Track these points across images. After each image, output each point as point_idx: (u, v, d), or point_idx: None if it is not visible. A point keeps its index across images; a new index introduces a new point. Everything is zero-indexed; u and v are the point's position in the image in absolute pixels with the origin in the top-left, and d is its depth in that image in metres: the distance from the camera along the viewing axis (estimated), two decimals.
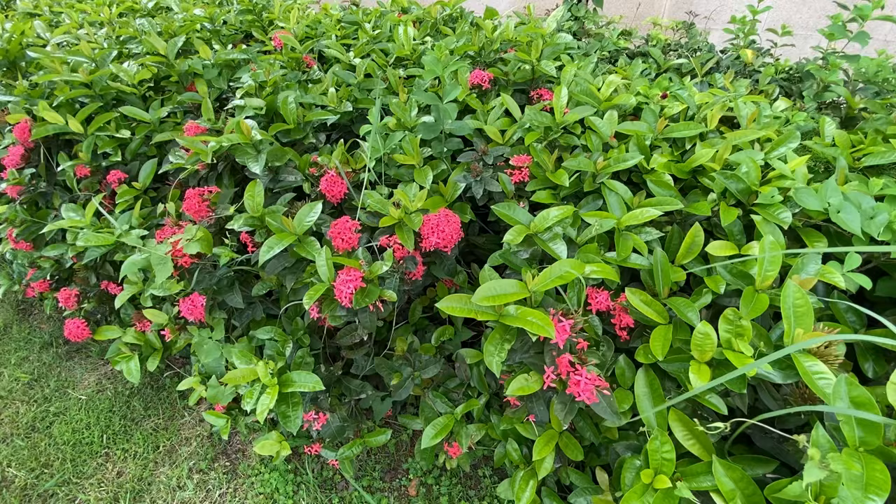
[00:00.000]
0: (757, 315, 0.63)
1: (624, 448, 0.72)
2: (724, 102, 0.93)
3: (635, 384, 0.68)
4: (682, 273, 0.75)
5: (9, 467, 1.20)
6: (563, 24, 1.42)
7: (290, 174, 1.03)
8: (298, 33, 1.40)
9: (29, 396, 1.38)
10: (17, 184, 1.19)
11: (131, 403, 1.35)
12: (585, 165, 0.85)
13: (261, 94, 1.15)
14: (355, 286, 0.72)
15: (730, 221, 0.74)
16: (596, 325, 0.73)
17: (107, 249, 1.02)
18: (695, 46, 1.46)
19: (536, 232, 0.75)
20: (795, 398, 0.60)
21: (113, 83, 1.21)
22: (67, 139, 1.25)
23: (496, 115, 1.04)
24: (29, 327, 1.64)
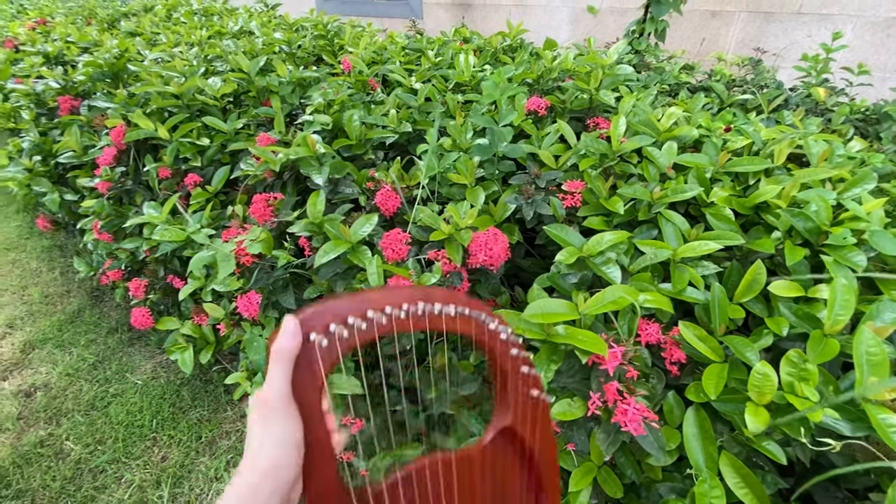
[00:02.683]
0: (824, 360, 0.59)
1: (668, 490, 0.68)
2: (793, 139, 0.90)
3: (684, 423, 0.65)
4: (740, 311, 0.72)
5: (67, 440, 1.29)
6: (623, 57, 1.43)
7: (349, 187, 1.08)
8: (366, 58, 1.49)
9: (92, 376, 1.49)
10: (108, 180, 1.32)
11: (181, 393, 1.42)
12: (641, 194, 0.84)
13: (328, 112, 1.23)
14: None
15: (796, 261, 0.71)
16: (646, 357, 0.71)
17: (178, 245, 1.11)
18: (761, 83, 1.42)
19: (590, 255, 0.74)
20: (866, 454, 0.55)
21: (199, 96, 1.34)
22: (154, 144, 1.38)
23: (551, 140, 1.05)
24: (99, 313, 1.78)
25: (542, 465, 0.44)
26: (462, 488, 0.42)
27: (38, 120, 1.72)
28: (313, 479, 0.34)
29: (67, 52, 2.00)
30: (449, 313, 0.38)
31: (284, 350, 0.33)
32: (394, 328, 0.36)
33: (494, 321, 0.40)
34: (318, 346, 0.34)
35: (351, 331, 0.34)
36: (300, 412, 0.34)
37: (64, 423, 1.34)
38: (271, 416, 0.33)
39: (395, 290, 0.36)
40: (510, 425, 0.42)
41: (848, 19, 2.05)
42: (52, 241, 2.26)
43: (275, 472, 0.32)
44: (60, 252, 2.19)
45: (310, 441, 0.34)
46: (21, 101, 1.79)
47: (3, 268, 2.07)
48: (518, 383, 0.42)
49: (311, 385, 0.34)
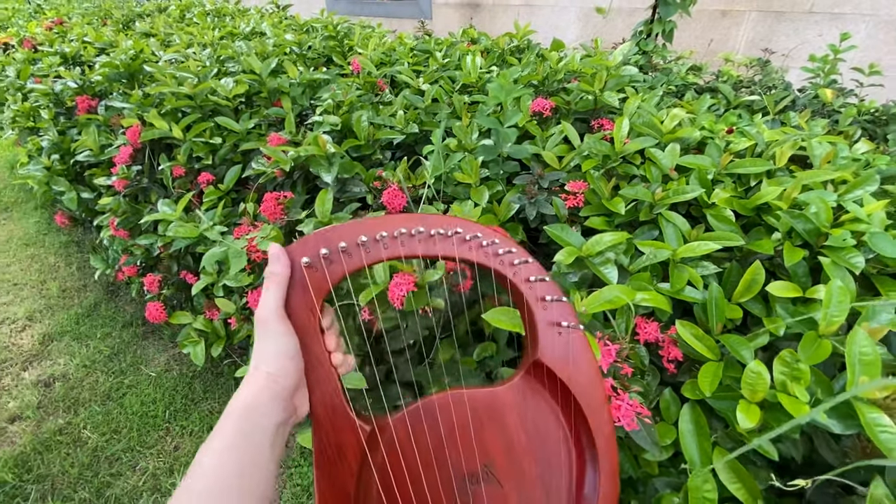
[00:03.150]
0: (817, 361, 0.60)
1: (664, 485, 0.69)
2: (796, 141, 0.91)
3: (680, 419, 0.66)
4: (738, 311, 0.73)
5: (84, 429, 1.33)
6: (629, 58, 1.44)
7: (357, 186, 1.11)
8: (374, 59, 1.51)
9: (108, 368, 1.54)
10: (125, 178, 1.36)
11: (193, 385, 1.46)
12: (643, 195, 0.86)
13: (337, 113, 1.26)
14: (407, 289, 0.77)
15: (794, 262, 0.72)
16: (643, 355, 0.72)
17: (191, 241, 1.14)
18: (769, 84, 1.42)
19: (588, 255, 0.76)
20: (856, 452, 0.56)
21: (211, 96, 1.37)
22: (168, 143, 1.42)
23: (555, 141, 1.07)
24: (115, 307, 1.84)
25: (586, 405, 0.39)
26: (485, 428, 0.38)
27: (57, 119, 1.77)
28: (315, 394, 0.36)
29: (84, 53, 2.06)
30: (447, 237, 0.37)
31: (272, 274, 0.36)
32: (383, 256, 0.36)
33: (507, 246, 0.38)
34: (305, 268, 0.36)
35: (342, 255, 0.36)
36: (297, 330, 0.36)
37: (81, 412, 1.39)
38: (266, 332, 0.36)
39: (389, 217, 0.37)
40: (538, 360, 0.38)
41: (861, 18, 2.02)
42: (69, 237, 2.33)
43: (273, 381, 0.35)
44: (77, 248, 2.25)
45: (308, 357, 0.36)
46: (40, 101, 1.84)
47: (23, 262, 2.13)
48: (541, 312, 0.38)
49: (304, 305, 0.36)
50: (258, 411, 0.34)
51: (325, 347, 0.37)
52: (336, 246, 0.35)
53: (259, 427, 0.33)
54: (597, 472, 0.40)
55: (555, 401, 0.40)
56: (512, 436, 0.39)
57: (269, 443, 0.34)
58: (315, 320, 0.36)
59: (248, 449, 0.32)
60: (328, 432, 0.36)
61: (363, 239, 0.35)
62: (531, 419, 0.39)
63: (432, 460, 0.37)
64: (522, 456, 0.39)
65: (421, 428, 0.38)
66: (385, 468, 0.37)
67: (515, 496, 0.39)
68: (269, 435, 0.34)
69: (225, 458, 0.32)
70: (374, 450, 0.37)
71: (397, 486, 0.36)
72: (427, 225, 0.36)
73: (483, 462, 0.38)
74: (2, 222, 2.50)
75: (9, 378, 1.51)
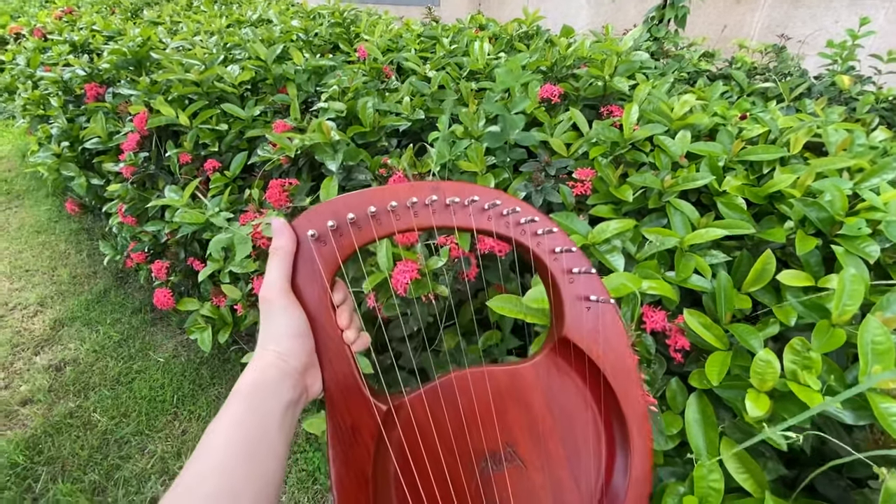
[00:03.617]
0: (829, 350, 0.59)
1: (669, 474, 0.69)
2: (811, 127, 0.88)
3: (686, 409, 0.65)
4: (747, 300, 0.72)
5: (94, 412, 1.36)
6: (641, 44, 1.41)
7: (362, 173, 1.10)
8: (381, 46, 1.50)
9: (118, 353, 1.56)
10: (132, 165, 1.36)
11: (200, 371, 1.48)
12: (652, 182, 0.84)
13: (343, 99, 1.25)
14: (411, 277, 0.76)
15: (807, 251, 0.70)
16: (649, 344, 0.71)
17: (197, 228, 1.15)
18: (785, 71, 1.39)
19: (594, 243, 0.75)
20: (868, 443, 0.55)
21: (218, 83, 1.37)
22: (175, 130, 1.42)
23: (563, 128, 1.05)
24: (124, 293, 1.86)
25: (617, 384, 0.37)
26: (507, 407, 0.37)
27: (66, 107, 1.78)
28: (328, 372, 0.35)
29: (93, 41, 2.06)
30: (463, 206, 0.34)
31: (277, 248, 0.34)
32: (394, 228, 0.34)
33: (529, 215, 0.35)
34: (312, 241, 0.34)
35: (351, 227, 0.34)
36: (306, 306, 0.34)
37: (91, 396, 1.41)
38: (271, 310, 0.34)
39: (400, 185, 0.35)
40: (564, 336, 0.36)
41: (881, 3, 1.96)
42: (79, 224, 2.35)
43: (282, 360, 0.34)
44: (87, 235, 2.28)
45: (319, 334, 0.34)
46: (49, 89, 1.85)
47: (35, 249, 2.16)
48: (567, 286, 0.36)
49: (313, 280, 0.34)
50: (266, 391, 0.33)
51: (337, 324, 0.36)
52: (345, 217, 0.33)
53: (267, 407, 0.32)
54: (627, 453, 0.38)
55: (582, 379, 0.38)
56: (536, 415, 0.37)
57: (277, 423, 0.32)
58: (326, 296, 0.34)
59: (256, 429, 0.31)
60: (342, 412, 0.34)
61: (373, 210, 0.33)
62: (557, 398, 0.38)
63: (452, 439, 0.36)
64: (548, 436, 0.38)
65: (439, 406, 0.36)
66: (402, 447, 0.35)
67: (540, 477, 0.37)
68: (277, 415, 0.33)
69: (232, 437, 0.30)
70: (391, 429, 0.35)
71: (415, 465, 0.35)
72: (441, 193, 0.34)
73: (505, 442, 0.37)
74: (14, 210, 2.53)
75: (21, 362, 1.54)
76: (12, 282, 1.94)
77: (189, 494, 0.28)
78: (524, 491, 0.37)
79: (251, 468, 0.30)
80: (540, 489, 0.37)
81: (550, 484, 0.37)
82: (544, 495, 0.37)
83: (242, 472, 0.30)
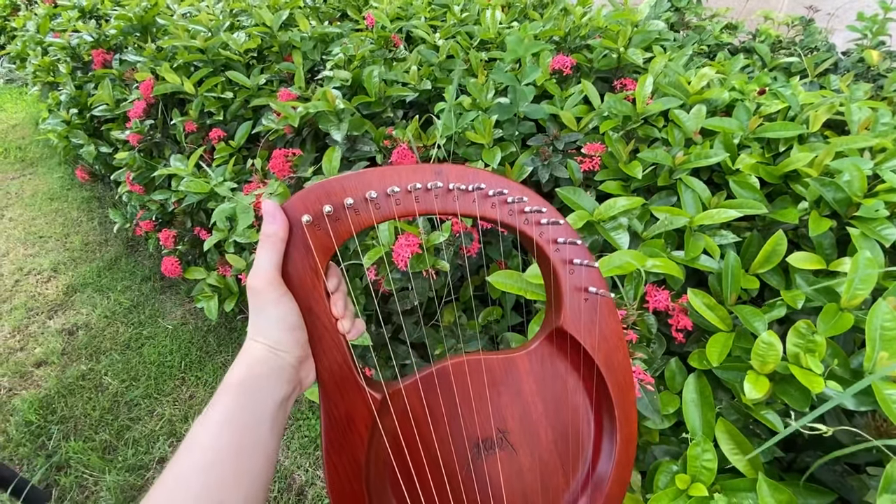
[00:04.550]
0: (836, 334, 0.57)
1: (663, 452, 0.69)
2: (833, 104, 0.84)
3: (684, 389, 0.65)
4: (755, 281, 0.70)
5: (105, 375, 1.39)
6: (660, 14, 1.35)
7: (366, 145, 1.08)
8: (390, 13, 1.45)
9: (128, 319, 1.60)
10: (138, 133, 1.36)
11: (207, 338, 1.51)
12: (663, 158, 0.81)
13: (349, 68, 1.22)
14: (412, 251, 0.76)
15: (819, 232, 0.68)
16: (651, 324, 0.70)
17: (202, 197, 1.15)
18: (812, 45, 1.32)
19: (600, 220, 0.73)
20: (869, 430, 0.54)
21: (223, 51, 1.34)
22: (181, 98, 1.41)
23: (574, 101, 1.01)
24: (134, 261, 1.88)
25: (609, 376, 0.38)
26: (500, 394, 0.37)
27: (74, 73, 1.77)
28: (322, 363, 0.34)
29: (101, 6, 2.03)
30: (467, 192, 0.33)
31: (268, 234, 0.32)
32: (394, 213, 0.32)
33: (535, 204, 0.35)
34: (306, 226, 0.32)
35: (349, 212, 0.32)
36: (298, 296, 0.32)
37: (103, 360, 1.45)
38: (260, 301, 0.32)
39: (401, 167, 0.33)
40: (561, 327, 0.37)
41: None
42: (91, 192, 2.38)
43: (273, 354, 0.32)
44: (99, 203, 2.30)
45: (313, 324, 0.33)
46: (58, 55, 1.84)
47: (48, 216, 2.20)
48: (567, 277, 0.36)
49: (307, 268, 0.32)
50: (256, 386, 0.31)
51: (331, 313, 0.34)
52: (341, 201, 0.31)
53: (258, 403, 0.31)
54: (614, 440, 0.39)
55: (576, 370, 0.39)
56: (528, 403, 0.38)
57: (269, 419, 0.31)
58: (320, 284, 0.33)
59: (245, 425, 0.30)
60: (337, 403, 0.34)
61: (373, 195, 0.32)
62: (549, 386, 0.38)
63: (446, 427, 0.36)
64: (538, 423, 0.38)
65: (435, 394, 0.36)
66: (396, 434, 0.35)
67: (529, 462, 0.38)
68: (269, 411, 0.31)
69: (220, 436, 0.29)
70: (385, 417, 0.35)
71: (409, 452, 0.35)
72: (444, 178, 0.33)
73: (497, 428, 0.37)
74: (28, 177, 2.56)
75: (35, 325, 1.58)
76: (27, 248, 1.98)
77: (171, 495, 0.27)
78: (512, 474, 0.37)
79: (239, 469, 0.29)
80: (527, 471, 0.38)
81: (537, 467, 0.38)
82: (531, 478, 0.38)
83: (230, 472, 0.28)
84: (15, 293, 1.72)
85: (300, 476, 1.15)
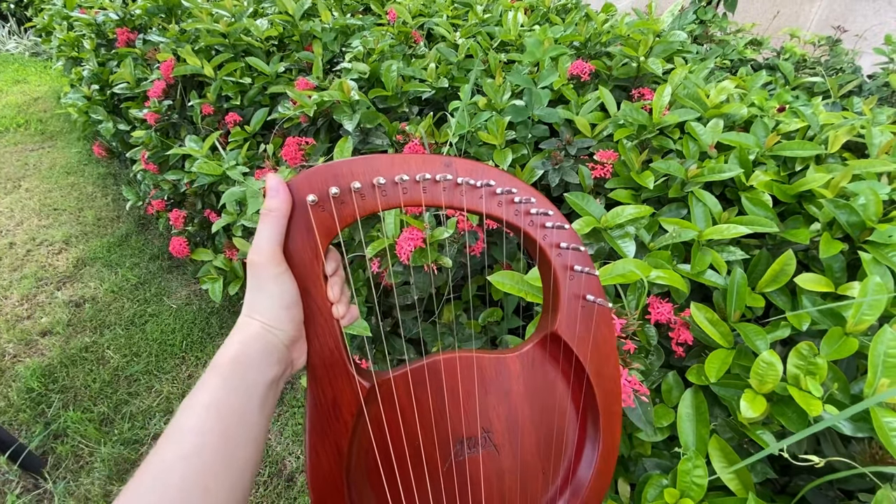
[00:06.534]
0: (838, 358, 0.56)
1: (654, 465, 0.68)
2: (854, 126, 0.83)
3: (680, 403, 0.64)
4: (760, 300, 0.69)
5: (108, 349, 1.41)
6: (683, 25, 1.33)
7: (379, 138, 1.09)
8: (413, 9, 1.46)
9: (134, 296, 1.62)
10: (156, 112, 1.38)
11: (210, 320, 1.52)
12: (676, 170, 0.81)
13: (367, 61, 1.22)
14: (415, 245, 0.76)
15: (830, 255, 0.67)
16: (651, 335, 0.70)
17: (214, 180, 1.16)
18: (837, 66, 1.30)
19: (606, 227, 0.73)
20: (864, 457, 0.53)
21: (245, 37, 1.35)
22: (200, 81, 1.42)
23: (590, 107, 1.01)
24: (144, 239, 1.91)
25: (598, 385, 0.38)
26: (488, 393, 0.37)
27: (98, 50, 1.80)
28: (314, 346, 0.33)
29: None
30: (475, 187, 0.33)
31: (271, 209, 0.31)
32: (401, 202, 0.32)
33: (542, 207, 0.34)
34: (311, 206, 0.31)
35: (355, 196, 0.32)
36: (297, 276, 0.32)
37: (106, 333, 1.47)
38: (259, 276, 0.31)
39: (411, 156, 0.33)
40: (555, 332, 0.36)
41: None
42: (107, 168, 2.41)
43: (267, 332, 0.31)
44: (114, 180, 2.33)
45: (308, 306, 0.33)
46: (83, 31, 1.87)
47: (63, 190, 2.23)
48: (567, 283, 0.36)
49: (307, 248, 0.32)
50: (248, 365, 0.30)
51: (327, 296, 0.33)
52: (348, 184, 0.31)
53: (248, 383, 0.30)
54: (596, 449, 0.39)
55: (565, 377, 0.39)
56: (515, 405, 0.38)
57: (258, 401, 0.30)
58: (319, 266, 0.32)
59: (234, 408, 0.29)
60: (325, 388, 0.33)
61: (380, 181, 0.31)
62: (537, 390, 0.38)
63: (431, 421, 0.36)
64: (523, 426, 0.38)
65: (423, 388, 0.36)
66: (381, 425, 0.35)
67: (510, 464, 0.38)
68: (259, 392, 0.30)
69: (207, 420, 0.28)
70: (372, 406, 0.35)
71: (392, 443, 0.35)
72: (454, 171, 0.32)
73: (482, 427, 0.37)
74: (47, 150, 2.61)
75: (44, 295, 1.61)
76: (41, 219, 2.01)
77: (154, 484, 0.26)
78: (493, 473, 0.37)
79: (228, 452, 0.28)
80: (507, 472, 0.38)
81: (518, 468, 0.38)
82: (510, 479, 0.38)
83: (220, 457, 0.27)
84: (26, 262, 1.75)
85: (291, 462, 1.15)
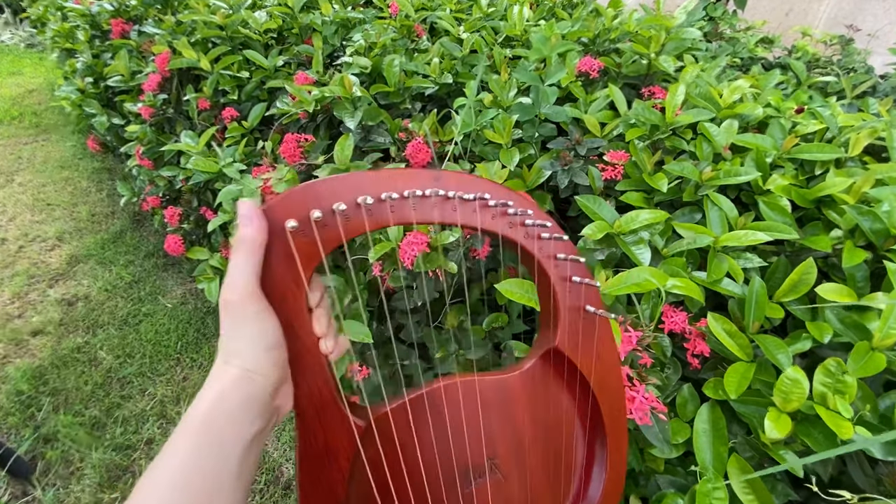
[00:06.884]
0: (868, 375, 0.53)
1: (668, 483, 0.65)
2: (875, 128, 0.79)
3: (696, 418, 0.61)
4: (779, 310, 0.66)
5: (100, 350, 1.38)
6: (694, 21, 1.30)
7: (381, 135, 1.05)
8: (415, 3, 1.42)
9: (128, 294, 1.58)
10: (151, 106, 1.34)
11: (206, 320, 1.49)
12: (690, 172, 0.77)
13: (369, 55, 1.18)
14: (419, 249, 0.72)
15: (853, 264, 0.64)
16: (665, 346, 0.67)
17: (210, 177, 1.12)
18: (849, 66, 1.27)
19: (620, 232, 0.70)
20: (891, 480, 0.50)
21: (242, 29, 1.31)
22: (196, 74, 1.38)
23: (599, 106, 0.97)
24: (139, 236, 1.87)
25: (602, 399, 0.36)
26: (492, 419, 0.35)
27: (92, 42, 1.75)
28: (301, 388, 0.30)
29: None
30: (468, 201, 0.31)
31: (244, 240, 0.27)
32: (390, 221, 0.30)
33: (539, 219, 0.33)
34: (291, 233, 0.28)
35: (339, 217, 0.29)
36: (279, 311, 0.29)
37: (99, 333, 1.43)
38: (236, 316, 0.28)
39: (397, 171, 0.30)
40: (556, 347, 0.35)
41: None
42: (101, 163, 2.37)
43: (248, 380, 0.28)
44: (109, 175, 2.29)
45: (293, 344, 0.30)
46: (78, 22, 1.82)
47: (57, 184, 2.19)
48: (566, 295, 0.34)
49: (288, 280, 0.29)
50: (224, 421, 0.27)
51: (313, 331, 0.30)
52: (330, 206, 0.28)
53: (224, 443, 0.27)
54: (604, 467, 0.38)
55: (570, 392, 0.37)
56: (520, 427, 0.36)
57: (236, 464, 0.27)
58: (302, 298, 0.29)
59: (206, 475, 0.26)
60: (316, 432, 0.30)
61: (368, 201, 0.29)
62: (542, 409, 0.36)
63: (434, 453, 0.34)
64: (529, 448, 0.36)
65: (424, 419, 0.34)
66: (380, 466, 0.32)
67: (518, 490, 0.36)
68: (237, 454, 0.27)
69: (175, 485, 0.25)
70: (369, 446, 0.32)
71: (393, 482, 0.32)
72: (444, 186, 0.30)
73: (488, 455, 0.35)
74: (41, 143, 2.56)
75: (35, 294, 1.57)
76: (34, 214, 1.97)
77: None
78: (501, 501, 0.36)
79: None
80: (516, 500, 0.36)
81: (527, 495, 0.37)
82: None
83: None
84: (18, 259, 1.71)
85: (288, 469, 1.12)
